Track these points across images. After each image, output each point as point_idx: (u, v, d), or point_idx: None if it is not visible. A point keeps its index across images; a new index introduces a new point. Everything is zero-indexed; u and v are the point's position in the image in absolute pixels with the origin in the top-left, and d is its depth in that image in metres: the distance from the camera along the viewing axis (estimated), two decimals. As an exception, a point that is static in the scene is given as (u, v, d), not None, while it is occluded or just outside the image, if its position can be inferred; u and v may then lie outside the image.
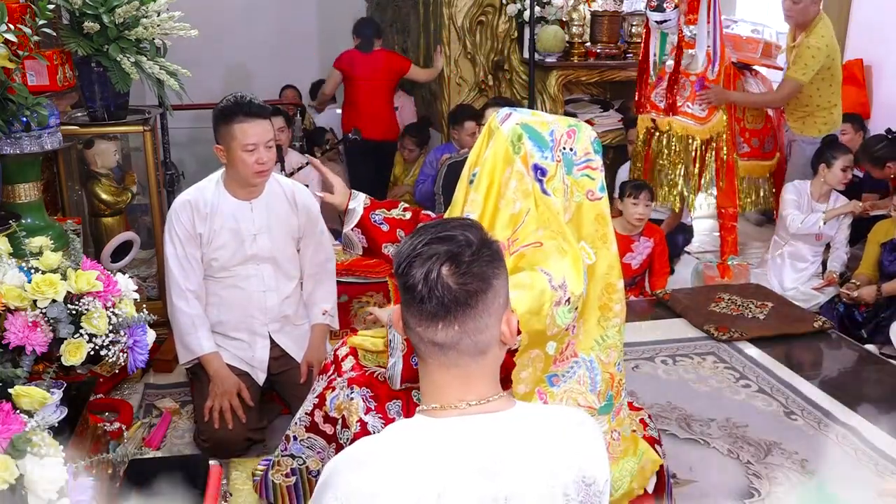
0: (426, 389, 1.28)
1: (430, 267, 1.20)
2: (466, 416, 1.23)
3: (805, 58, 4.27)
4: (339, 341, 2.40)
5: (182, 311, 2.71)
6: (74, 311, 1.85)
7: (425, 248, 1.22)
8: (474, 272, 1.20)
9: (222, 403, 2.66)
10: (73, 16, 2.96)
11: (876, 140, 4.73)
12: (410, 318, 1.24)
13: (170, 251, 2.72)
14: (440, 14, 5.17)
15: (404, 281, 1.23)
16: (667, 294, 4.03)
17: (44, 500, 1.46)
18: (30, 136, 2.41)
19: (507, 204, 1.95)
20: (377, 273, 3.47)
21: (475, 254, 1.22)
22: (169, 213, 2.77)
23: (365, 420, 2.06)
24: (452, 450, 1.19)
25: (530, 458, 1.20)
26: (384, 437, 1.25)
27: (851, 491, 2.45)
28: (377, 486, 1.15)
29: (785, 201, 4.42)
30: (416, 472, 1.16)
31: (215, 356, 2.73)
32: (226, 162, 2.68)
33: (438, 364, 1.24)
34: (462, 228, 1.26)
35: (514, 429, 1.23)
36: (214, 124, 2.67)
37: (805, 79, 4.29)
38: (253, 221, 2.74)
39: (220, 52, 6.29)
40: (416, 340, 1.25)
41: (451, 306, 1.19)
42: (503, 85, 5.30)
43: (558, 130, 1.99)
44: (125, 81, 3.00)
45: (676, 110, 4.28)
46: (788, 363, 3.36)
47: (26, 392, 1.62)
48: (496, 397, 1.26)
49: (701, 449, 2.72)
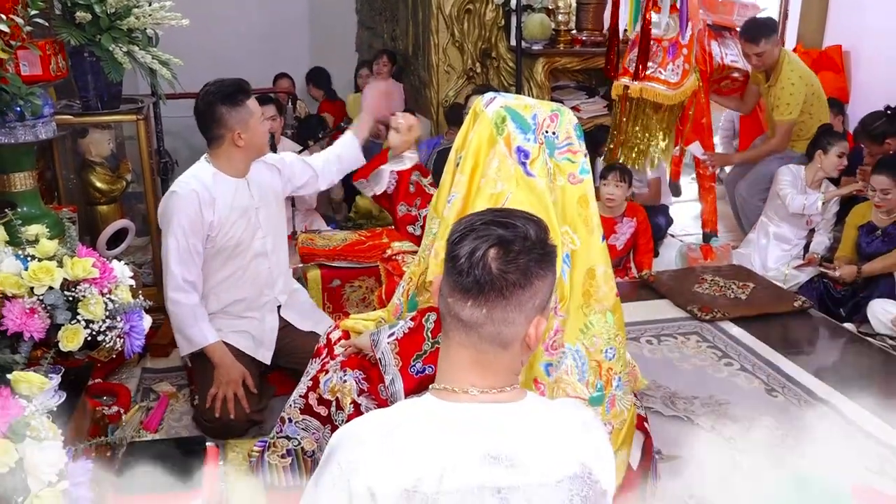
0: (443, 367, 1.27)
1: (479, 245, 1.19)
2: (476, 403, 1.21)
3: (785, 98, 4.44)
4: (332, 324, 2.39)
5: (181, 304, 2.69)
6: (71, 297, 1.84)
7: (482, 227, 1.21)
8: (519, 264, 1.19)
9: (227, 392, 2.65)
10: (65, 6, 2.92)
11: (874, 117, 4.75)
12: (446, 287, 1.23)
13: (171, 244, 2.66)
14: (428, 3, 5.13)
15: (451, 250, 1.22)
16: (651, 276, 4.04)
17: (43, 482, 1.46)
18: (24, 125, 2.38)
19: (489, 183, 1.94)
20: (369, 258, 3.47)
21: (527, 247, 1.20)
22: (167, 205, 2.70)
23: (358, 402, 2.06)
24: (459, 434, 1.17)
25: (535, 449, 1.18)
26: (392, 413, 1.24)
27: (831, 463, 2.47)
28: (379, 460, 1.15)
29: (781, 182, 4.43)
30: (420, 451, 1.15)
31: (219, 344, 2.72)
32: (242, 144, 2.68)
33: (459, 342, 1.23)
34: (524, 220, 1.24)
35: (522, 420, 1.21)
36: (221, 112, 2.65)
37: (794, 116, 4.45)
38: (252, 197, 2.77)
39: (211, 40, 6.24)
40: (445, 311, 1.24)
41: (486, 288, 1.18)
42: (491, 72, 5.28)
43: (541, 114, 1.98)
44: (118, 71, 2.97)
45: (647, 77, 4.17)
46: (769, 342, 3.38)
47: (25, 377, 1.61)
48: (509, 388, 1.24)
49: (685, 425, 2.74)
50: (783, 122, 4.50)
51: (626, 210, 4.18)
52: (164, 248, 2.70)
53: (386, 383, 1.94)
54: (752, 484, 2.38)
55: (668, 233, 5.08)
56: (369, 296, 3.48)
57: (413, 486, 1.13)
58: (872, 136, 4.69)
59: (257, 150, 2.78)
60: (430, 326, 1.92)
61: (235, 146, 2.69)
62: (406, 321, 1.99)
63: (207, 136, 2.73)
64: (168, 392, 2.92)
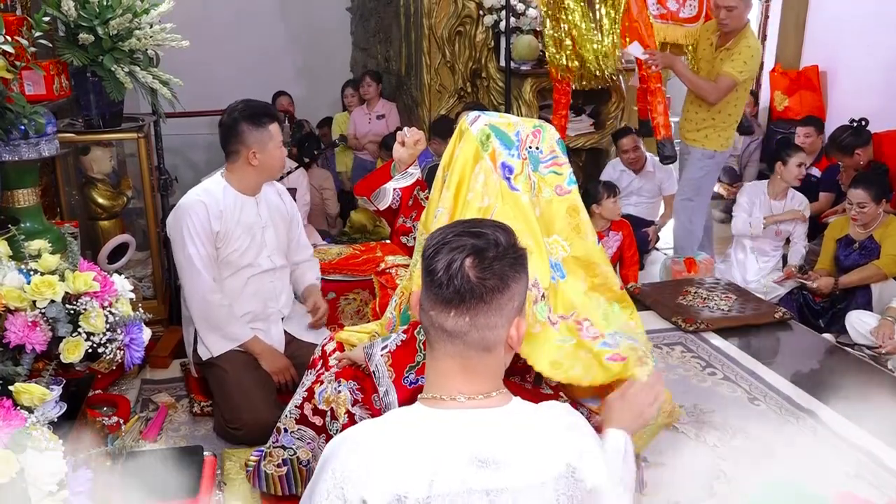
0: (430, 378, 1.27)
1: (455, 256, 1.20)
2: (464, 410, 1.22)
3: (745, 56, 4.01)
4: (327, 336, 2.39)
5: (218, 305, 2.71)
6: (73, 310, 1.84)
7: (454, 239, 1.22)
8: (495, 270, 1.20)
9: (286, 377, 2.78)
10: (68, 28, 2.93)
11: (841, 130, 4.82)
12: (426, 301, 1.24)
13: (192, 251, 2.66)
14: (421, 25, 5.16)
15: (428, 265, 1.23)
16: (637, 288, 4.06)
17: (44, 492, 1.45)
18: (28, 143, 2.38)
19: (476, 197, 1.95)
20: (363, 271, 3.47)
21: (500, 253, 1.21)
22: (177, 216, 2.71)
23: (352, 412, 2.06)
24: (447, 440, 1.18)
25: (521, 452, 1.19)
26: (383, 422, 1.24)
27: (812, 470, 2.48)
28: (371, 468, 1.15)
29: (736, 203, 4.51)
30: (409, 458, 1.16)
31: (256, 338, 2.79)
32: (256, 163, 2.70)
33: (445, 352, 1.24)
34: (493, 228, 1.26)
35: (508, 424, 1.22)
36: (242, 129, 2.68)
37: (741, 78, 4.04)
38: (259, 216, 2.80)
39: (210, 61, 6.25)
40: (427, 324, 1.25)
41: (467, 296, 1.19)
42: (481, 92, 5.31)
43: (524, 131, 2.00)
44: (119, 90, 2.98)
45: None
46: (751, 352, 3.39)
47: (26, 389, 1.61)
48: (495, 393, 1.25)
49: (670, 434, 2.73)
50: (729, 76, 4.02)
51: (612, 224, 4.22)
52: (184, 257, 2.69)
53: (380, 394, 1.94)
54: (736, 490, 2.39)
55: (655, 247, 5.11)
56: (364, 308, 3.48)
57: (405, 492, 1.14)
58: (842, 148, 4.75)
59: (270, 173, 2.82)
60: (422, 339, 1.92)
61: (249, 164, 2.72)
62: (399, 334, 2.00)
63: (226, 150, 2.76)
64: (167, 402, 2.90)
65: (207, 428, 2.76)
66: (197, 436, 2.72)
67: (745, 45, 4.03)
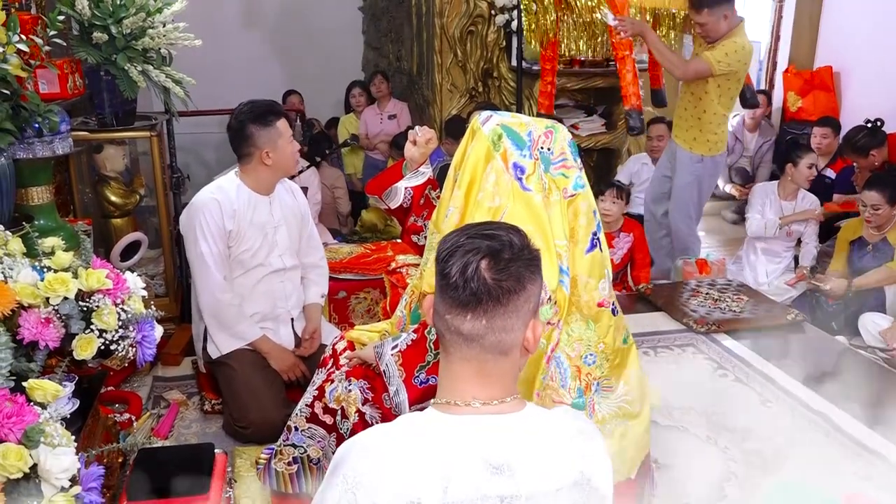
0: (444, 382, 1.25)
1: (470, 259, 1.18)
2: (478, 416, 1.20)
3: (728, 49, 3.88)
4: (338, 335, 2.39)
5: (228, 304, 2.72)
6: (85, 307, 1.84)
7: (468, 242, 1.21)
8: (511, 271, 1.19)
9: (296, 374, 2.80)
10: (82, 27, 2.95)
11: (856, 131, 4.78)
12: (441, 305, 1.22)
13: (204, 249, 2.67)
14: (432, 24, 5.16)
15: (442, 268, 1.21)
16: (648, 289, 4.04)
17: (56, 487, 1.46)
18: (42, 141, 2.39)
19: (487, 197, 1.94)
20: (374, 270, 3.47)
21: (515, 255, 1.20)
22: (191, 213, 2.71)
23: (363, 410, 2.06)
24: (461, 446, 1.16)
25: (536, 459, 1.18)
26: (395, 428, 1.22)
27: (823, 473, 2.46)
28: (383, 474, 1.14)
29: (749, 204, 4.48)
30: (423, 464, 1.14)
31: (265, 337, 2.80)
32: (270, 162, 2.70)
33: (460, 356, 1.22)
34: (507, 230, 1.24)
35: (523, 430, 1.20)
36: (251, 131, 2.67)
37: (717, 68, 3.87)
38: (272, 215, 2.80)
39: (222, 60, 6.27)
40: (442, 329, 1.23)
41: (484, 299, 1.17)
42: (492, 91, 5.31)
43: (536, 131, 1.99)
44: (132, 89, 2.99)
45: None
46: (763, 353, 3.36)
47: (40, 385, 1.61)
48: (510, 399, 1.23)
49: (682, 435, 2.72)
50: (705, 60, 3.89)
51: (623, 225, 4.20)
52: (196, 255, 2.70)
53: (390, 394, 1.93)
54: (747, 492, 2.37)
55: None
56: (374, 307, 3.48)
57: (417, 497, 1.12)
58: (857, 149, 4.71)
59: (284, 170, 2.82)
60: (433, 338, 1.92)
61: (263, 164, 2.72)
62: (409, 333, 1.99)
63: (238, 153, 2.75)
64: (178, 400, 2.91)
65: (218, 425, 2.77)
66: (208, 433, 2.73)
67: (731, 40, 3.91)
